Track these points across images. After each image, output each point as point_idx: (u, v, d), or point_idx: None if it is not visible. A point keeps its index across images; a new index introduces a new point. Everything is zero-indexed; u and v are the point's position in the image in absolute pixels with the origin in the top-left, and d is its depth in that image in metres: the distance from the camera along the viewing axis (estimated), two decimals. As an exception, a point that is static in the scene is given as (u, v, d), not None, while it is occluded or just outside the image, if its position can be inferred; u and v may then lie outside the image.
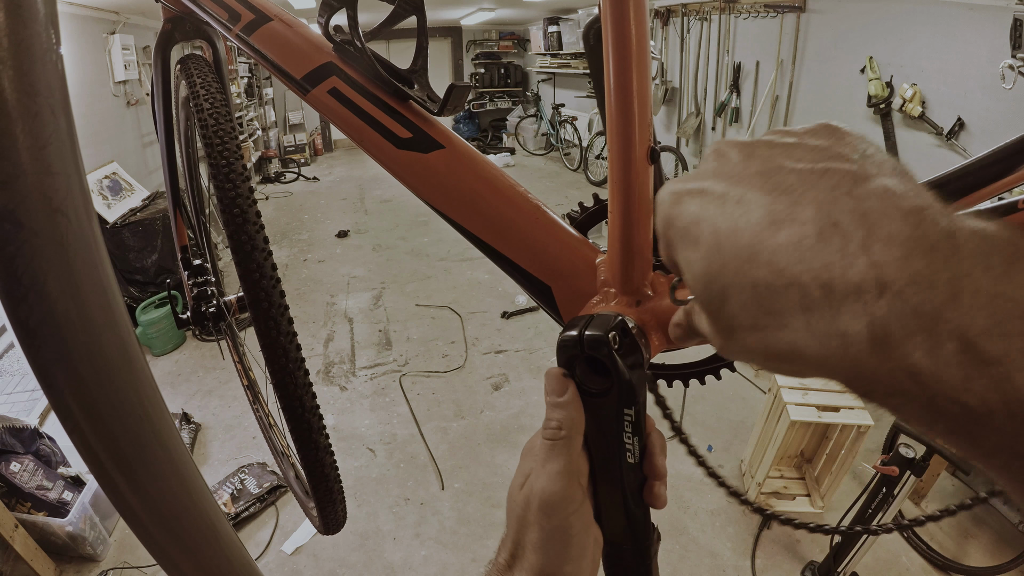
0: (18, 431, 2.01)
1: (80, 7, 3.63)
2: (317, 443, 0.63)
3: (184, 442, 0.41)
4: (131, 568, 1.96)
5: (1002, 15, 2.63)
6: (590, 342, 0.30)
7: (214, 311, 0.88)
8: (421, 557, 2.00)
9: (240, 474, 2.29)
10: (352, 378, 3.05)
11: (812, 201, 0.19)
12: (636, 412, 0.31)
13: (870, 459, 1.76)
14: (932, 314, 0.16)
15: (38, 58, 0.25)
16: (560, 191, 6.51)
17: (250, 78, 7.27)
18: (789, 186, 0.20)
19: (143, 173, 4.33)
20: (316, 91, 0.50)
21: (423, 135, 0.47)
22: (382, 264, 4.54)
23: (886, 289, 0.17)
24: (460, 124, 9.53)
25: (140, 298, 3.34)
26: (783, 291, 0.19)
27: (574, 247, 0.44)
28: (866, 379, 0.18)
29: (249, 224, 0.55)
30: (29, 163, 0.26)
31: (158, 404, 0.39)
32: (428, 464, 2.42)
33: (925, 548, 1.93)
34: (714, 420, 2.63)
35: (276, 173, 7.59)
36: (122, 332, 0.33)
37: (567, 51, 7.34)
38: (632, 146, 0.36)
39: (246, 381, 1.04)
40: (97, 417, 0.33)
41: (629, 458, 0.32)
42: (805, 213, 0.19)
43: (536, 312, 3.58)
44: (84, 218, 0.29)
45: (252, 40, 0.55)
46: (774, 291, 0.19)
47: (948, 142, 3.08)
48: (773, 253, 0.19)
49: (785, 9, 4.15)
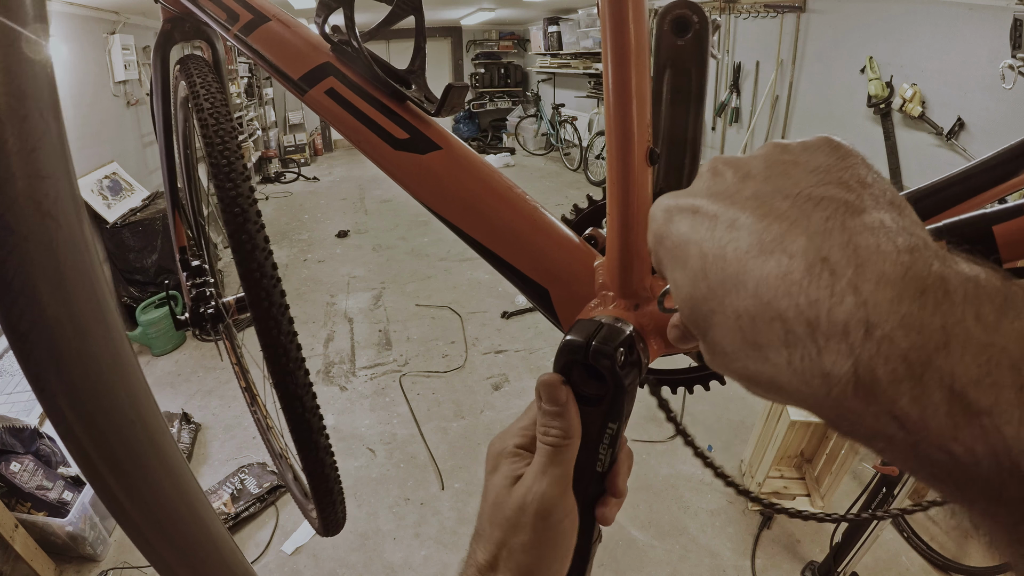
0: (18, 431, 2.01)
1: (80, 7, 3.62)
2: (317, 443, 0.63)
3: (178, 444, 0.41)
4: (131, 568, 1.96)
5: (1002, 15, 2.62)
6: (595, 353, 0.30)
7: (212, 312, 0.88)
8: (421, 557, 2.00)
9: (240, 474, 2.29)
10: (352, 378, 3.05)
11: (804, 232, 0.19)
12: (618, 427, 0.32)
13: (870, 459, 1.76)
14: (921, 361, 0.15)
15: (26, 61, 0.25)
16: (560, 191, 6.50)
17: (250, 78, 7.27)
18: (782, 213, 0.20)
19: (143, 173, 4.33)
20: (313, 92, 0.50)
21: (420, 136, 0.46)
22: (382, 264, 4.54)
23: (874, 330, 0.16)
24: (460, 124, 9.53)
25: (140, 298, 3.34)
26: (767, 325, 0.19)
27: (572, 250, 0.43)
28: (848, 421, 0.17)
29: (250, 223, 0.55)
30: (18, 167, 0.26)
31: (151, 407, 0.38)
32: (428, 464, 2.42)
33: (925, 548, 1.93)
34: (714, 420, 2.62)
35: (276, 173, 7.59)
36: (114, 335, 0.33)
37: (567, 51, 7.33)
38: (631, 148, 0.36)
39: (244, 383, 1.03)
40: (89, 420, 0.33)
41: (598, 467, 0.33)
42: (796, 244, 0.19)
43: (536, 312, 3.57)
44: (75, 222, 0.29)
45: (250, 40, 0.54)
46: (757, 324, 0.19)
47: (948, 142, 3.08)
48: (759, 284, 0.19)
49: (785, 9, 4.14)
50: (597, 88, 7.01)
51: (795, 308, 0.18)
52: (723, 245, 0.21)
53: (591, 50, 6.80)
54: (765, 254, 0.19)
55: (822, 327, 0.17)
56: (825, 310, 0.17)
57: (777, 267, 0.19)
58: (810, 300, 0.17)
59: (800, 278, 0.18)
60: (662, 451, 2.41)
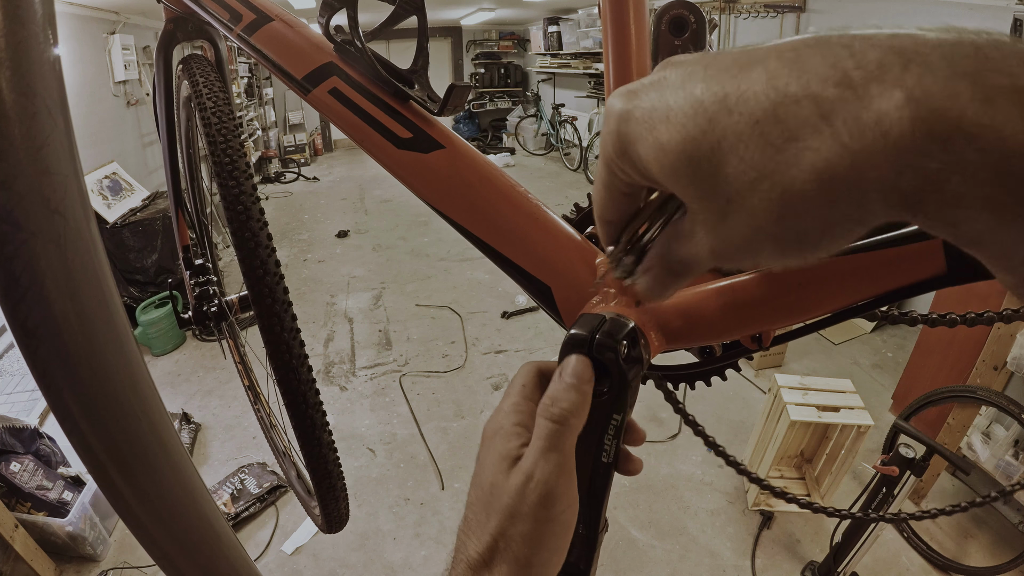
0: (18, 431, 2.01)
1: (80, 7, 3.63)
2: (320, 439, 0.63)
3: (183, 442, 0.41)
4: (131, 568, 1.96)
5: (1002, 15, 2.63)
6: (600, 346, 0.31)
7: (216, 310, 0.88)
8: (421, 557, 2.00)
9: (240, 474, 2.29)
10: (352, 378, 3.05)
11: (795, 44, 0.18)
12: (622, 418, 0.32)
13: (870, 459, 1.76)
14: (973, 70, 0.14)
15: (36, 59, 0.25)
16: (560, 191, 6.50)
17: (250, 78, 7.27)
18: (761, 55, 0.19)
19: (143, 173, 4.33)
20: (317, 91, 0.50)
21: (423, 135, 0.47)
22: (382, 264, 4.54)
23: (911, 60, 0.15)
24: (460, 124, 9.53)
25: (140, 298, 3.34)
26: (792, 109, 0.17)
27: (574, 247, 0.44)
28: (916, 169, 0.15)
29: (252, 220, 0.55)
30: (27, 163, 0.26)
31: (156, 404, 0.39)
32: (428, 464, 2.42)
33: (925, 548, 1.93)
34: (714, 420, 2.63)
35: (276, 173, 7.59)
36: (120, 332, 0.33)
37: (567, 51, 7.34)
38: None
39: (247, 381, 1.04)
40: (95, 417, 0.33)
41: (604, 458, 0.33)
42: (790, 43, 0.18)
43: (536, 312, 3.58)
44: (82, 218, 0.29)
45: (253, 40, 0.55)
46: (780, 114, 0.17)
47: (948, 142, 3.08)
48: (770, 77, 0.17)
49: (785, 9, 4.15)
50: (597, 88, 7.02)
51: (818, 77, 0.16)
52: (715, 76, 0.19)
53: (591, 50, 6.81)
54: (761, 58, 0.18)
55: (855, 77, 0.16)
56: (851, 64, 0.16)
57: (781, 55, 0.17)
58: (831, 63, 0.16)
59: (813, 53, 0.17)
60: (662, 451, 2.42)
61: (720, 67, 0.19)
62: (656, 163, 0.20)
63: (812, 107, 0.16)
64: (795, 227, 0.18)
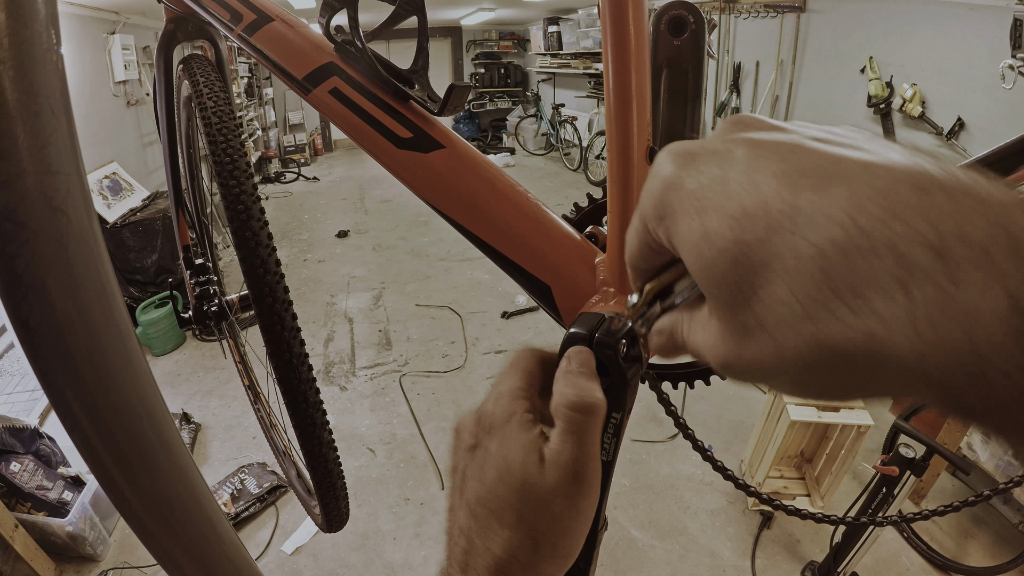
0: (18, 431, 2.01)
1: (80, 7, 3.63)
2: (321, 438, 0.63)
3: (184, 442, 0.42)
4: (131, 568, 1.96)
5: (1002, 15, 2.63)
6: (599, 344, 0.31)
7: (216, 310, 0.88)
8: (421, 557, 2.00)
9: (240, 474, 2.29)
10: (352, 378, 3.05)
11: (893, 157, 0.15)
12: (621, 417, 0.32)
13: (870, 459, 1.76)
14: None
15: (39, 58, 0.26)
16: (560, 191, 6.51)
17: (250, 78, 7.27)
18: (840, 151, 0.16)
19: (143, 173, 4.34)
20: (317, 91, 0.50)
21: (424, 135, 0.47)
22: (382, 264, 4.54)
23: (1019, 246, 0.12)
24: (460, 124, 9.54)
25: (140, 298, 3.34)
26: (867, 258, 0.14)
27: (573, 247, 0.44)
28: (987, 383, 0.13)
29: (253, 220, 0.55)
30: (30, 162, 0.26)
31: (158, 403, 0.39)
32: (428, 464, 2.42)
33: (925, 548, 1.93)
34: (714, 420, 2.63)
35: (276, 173, 7.59)
36: (122, 331, 0.33)
37: (567, 51, 7.34)
38: (631, 146, 0.37)
39: (247, 381, 1.04)
40: (97, 416, 0.33)
41: (603, 456, 0.32)
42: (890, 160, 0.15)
43: (536, 312, 3.58)
44: (84, 217, 0.29)
45: (254, 40, 0.55)
46: (851, 257, 0.14)
47: (948, 142, 3.08)
48: (852, 206, 0.14)
49: (785, 9, 4.15)
50: (597, 88, 7.02)
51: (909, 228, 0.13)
52: (788, 165, 0.16)
53: (591, 50, 6.81)
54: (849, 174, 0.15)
55: (953, 249, 0.13)
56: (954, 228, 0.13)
57: (870, 178, 0.14)
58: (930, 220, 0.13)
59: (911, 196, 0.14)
60: (662, 451, 2.42)
61: (799, 165, 0.16)
62: (694, 251, 0.18)
63: (892, 264, 0.13)
64: (821, 379, 0.16)
